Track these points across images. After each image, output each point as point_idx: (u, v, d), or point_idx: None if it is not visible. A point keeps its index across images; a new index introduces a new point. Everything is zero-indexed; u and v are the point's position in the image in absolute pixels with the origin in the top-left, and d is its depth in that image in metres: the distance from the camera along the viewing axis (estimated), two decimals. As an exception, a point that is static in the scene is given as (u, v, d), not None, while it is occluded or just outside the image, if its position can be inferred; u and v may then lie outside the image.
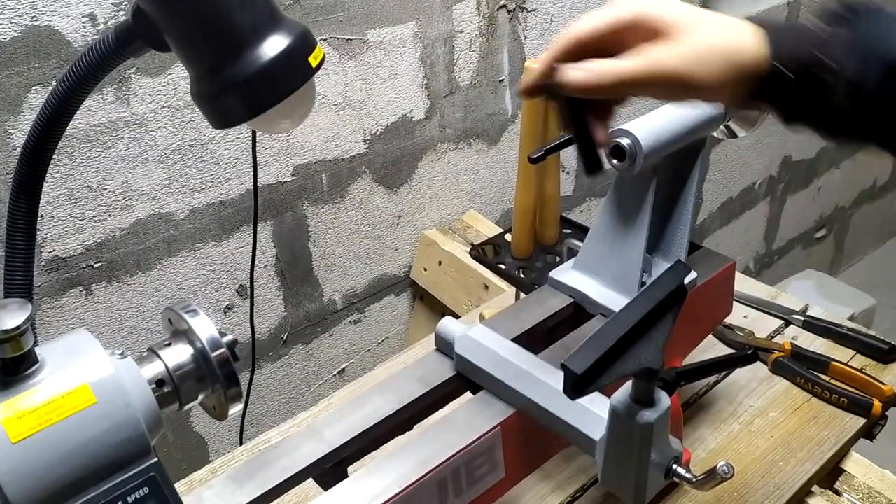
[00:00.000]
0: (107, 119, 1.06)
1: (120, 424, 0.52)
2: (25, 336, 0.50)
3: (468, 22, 1.41)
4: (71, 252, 1.09)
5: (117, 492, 0.52)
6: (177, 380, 0.58)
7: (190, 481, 0.96)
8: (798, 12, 2.11)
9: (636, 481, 0.63)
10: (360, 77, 1.30)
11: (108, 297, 1.15)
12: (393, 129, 1.39)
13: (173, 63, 1.09)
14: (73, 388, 0.51)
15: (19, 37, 0.95)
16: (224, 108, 0.72)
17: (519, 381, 0.74)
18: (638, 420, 0.60)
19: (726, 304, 0.99)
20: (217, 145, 1.18)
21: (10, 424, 0.49)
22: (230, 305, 1.29)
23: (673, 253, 0.89)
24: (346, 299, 1.46)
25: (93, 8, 0.99)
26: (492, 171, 1.59)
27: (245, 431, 1.32)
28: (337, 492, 0.68)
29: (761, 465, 0.96)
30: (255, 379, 1.35)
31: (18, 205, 0.83)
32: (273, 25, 0.71)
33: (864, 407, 1.02)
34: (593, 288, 0.87)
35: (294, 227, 1.32)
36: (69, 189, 1.06)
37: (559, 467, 0.96)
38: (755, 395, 1.07)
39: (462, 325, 0.81)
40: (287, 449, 0.71)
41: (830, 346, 1.15)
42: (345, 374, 1.53)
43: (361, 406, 0.76)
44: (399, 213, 1.47)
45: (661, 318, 0.59)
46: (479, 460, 0.72)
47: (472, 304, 1.38)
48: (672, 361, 0.91)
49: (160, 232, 1.17)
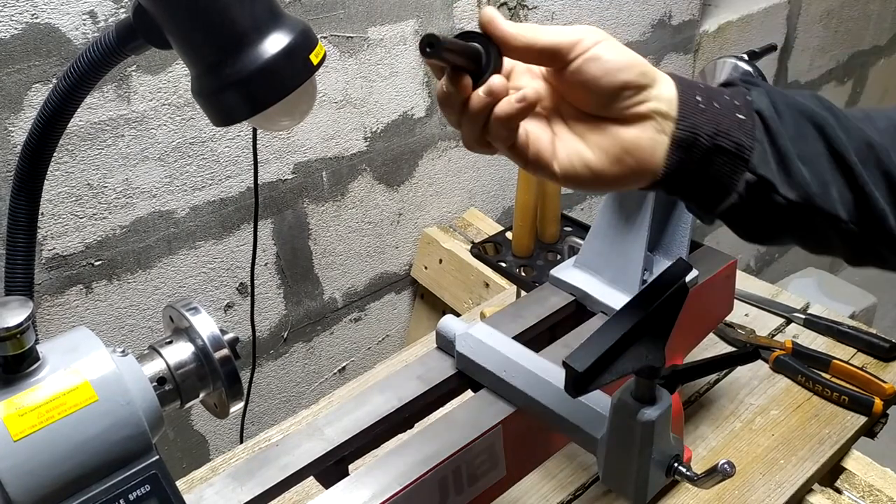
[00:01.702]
0: (107, 117, 1.06)
1: (121, 422, 0.52)
2: (26, 334, 0.50)
3: (469, 19, 1.41)
4: (71, 250, 1.09)
5: (119, 489, 0.52)
6: (178, 378, 0.58)
7: (191, 479, 0.96)
8: (798, 11, 2.11)
9: (637, 479, 0.63)
10: (361, 75, 1.30)
11: (109, 295, 1.15)
12: (393, 127, 1.39)
13: (174, 61, 1.09)
14: (75, 386, 0.51)
15: (20, 34, 0.95)
16: (225, 105, 0.72)
17: (520, 379, 0.74)
18: (639, 418, 0.60)
19: (727, 303, 0.99)
20: (218, 143, 1.18)
21: (11, 422, 0.49)
22: (231, 303, 1.29)
23: (674, 251, 0.89)
24: (347, 297, 1.46)
25: (93, 6, 0.99)
26: (492, 168, 1.59)
27: (246, 429, 1.32)
28: (338, 490, 0.68)
29: (762, 463, 0.96)
30: (256, 377, 1.35)
31: (19, 203, 0.83)
32: (274, 23, 0.71)
33: (865, 405, 1.02)
34: (594, 286, 0.87)
35: (294, 225, 1.32)
36: (70, 187, 1.06)
37: (560, 465, 0.96)
38: (756, 394, 1.07)
39: (463, 324, 0.81)
40: (288, 447, 0.71)
41: (831, 344, 1.15)
42: (345, 372, 1.53)
43: (362, 404, 0.76)
44: (400, 211, 1.47)
45: (663, 316, 0.59)
46: (479, 458, 0.72)
47: (473, 302, 1.38)
48: (673, 359, 0.91)
49: (160, 230, 1.17)
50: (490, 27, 0.52)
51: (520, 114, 0.52)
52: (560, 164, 0.54)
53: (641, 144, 0.53)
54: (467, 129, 0.53)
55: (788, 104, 0.55)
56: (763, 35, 2.02)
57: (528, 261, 1.28)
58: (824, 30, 2.25)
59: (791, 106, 0.55)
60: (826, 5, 2.20)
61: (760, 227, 0.56)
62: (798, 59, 2.21)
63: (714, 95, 0.55)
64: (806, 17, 2.15)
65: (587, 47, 0.52)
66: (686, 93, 0.54)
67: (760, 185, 0.53)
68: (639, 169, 0.54)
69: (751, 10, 1.98)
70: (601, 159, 0.54)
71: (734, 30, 1.96)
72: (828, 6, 2.21)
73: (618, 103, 0.53)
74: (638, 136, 0.53)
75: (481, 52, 0.52)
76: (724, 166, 0.53)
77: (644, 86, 0.53)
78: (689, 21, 1.82)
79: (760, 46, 0.99)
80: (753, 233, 0.57)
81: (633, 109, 0.53)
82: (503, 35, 0.52)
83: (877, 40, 2.49)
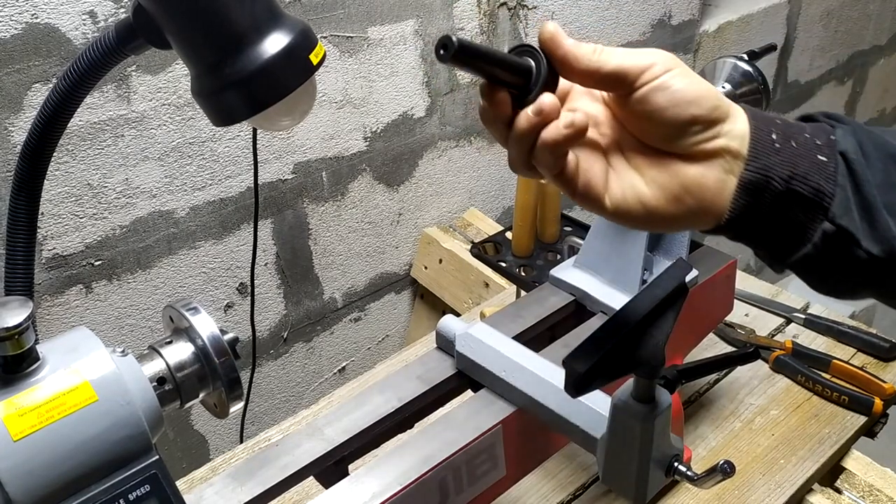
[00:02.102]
0: (107, 117, 1.06)
1: (121, 422, 0.52)
2: (26, 334, 0.50)
3: (469, 19, 1.41)
4: (71, 250, 1.09)
5: (118, 489, 0.52)
6: (178, 378, 0.58)
7: (190, 479, 0.96)
8: (798, 11, 2.11)
9: (637, 479, 0.63)
10: (361, 75, 1.30)
11: (109, 295, 1.15)
12: (393, 127, 1.39)
13: (174, 60, 1.09)
14: (75, 386, 0.51)
15: (20, 34, 0.95)
16: (225, 105, 0.72)
17: (520, 379, 0.74)
18: (639, 418, 0.60)
19: (727, 302, 0.99)
20: (217, 143, 1.18)
21: (11, 422, 0.49)
22: (231, 303, 1.29)
23: (674, 251, 0.89)
24: (347, 297, 1.46)
25: (93, 5, 0.99)
26: (492, 168, 1.59)
27: (245, 429, 1.32)
28: (338, 490, 0.68)
29: (762, 463, 0.96)
30: (256, 377, 1.35)
31: (19, 202, 0.83)
32: (274, 23, 0.71)
33: (864, 405, 1.02)
34: (594, 286, 0.87)
35: (294, 225, 1.32)
36: (69, 187, 1.06)
37: (560, 465, 0.96)
38: (756, 393, 1.07)
39: (463, 323, 0.81)
40: (288, 447, 0.71)
41: (831, 343, 1.15)
42: (345, 372, 1.53)
43: (362, 404, 0.76)
44: (399, 211, 1.47)
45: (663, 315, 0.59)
46: (479, 458, 0.72)
47: (473, 302, 1.38)
48: (673, 359, 0.91)
49: (160, 230, 1.17)
50: (551, 45, 0.47)
51: (568, 141, 0.47)
52: (612, 198, 0.49)
53: (705, 184, 0.48)
54: (513, 149, 0.49)
55: (877, 145, 0.50)
56: (763, 35, 2.02)
57: (527, 261, 1.28)
58: (824, 30, 2.25)
59: (880, 147, 0.50)
60: (826, 5, 2.20)
61: (837, 281, 0.52)
62: (798, 59, 2.21)
63: (793, 133, 0.50)
64: (806, 17, 2.15)
65: (656, 75, 0.48)
66: (760, 129, 0.49)
67: (840, 237, 0.48)
68: (699, 210, 0.49)
69: (751, 10, 1.98)
70: (658, 197, 0.49)
71: (734, 30, 1.96)
72: (828, 6, 2.21)
73: (684, 138, 0.48)
74: (702, 175, 0.48)
75: (531, 69, 0.47)
76: (799, 214, 0.49)
77: (715, 121, 0.48)
78: (688, 21, 1.82)
79: (760, 46, 0.99)
80: (829, 286, 0.53)
81: (700, 146, 0.48)
82: (565, 55, 0.47)
83: (877, 40, 2.49)
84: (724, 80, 0.92)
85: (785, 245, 0.50)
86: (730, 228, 0.50)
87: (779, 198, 0.48)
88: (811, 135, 0.50)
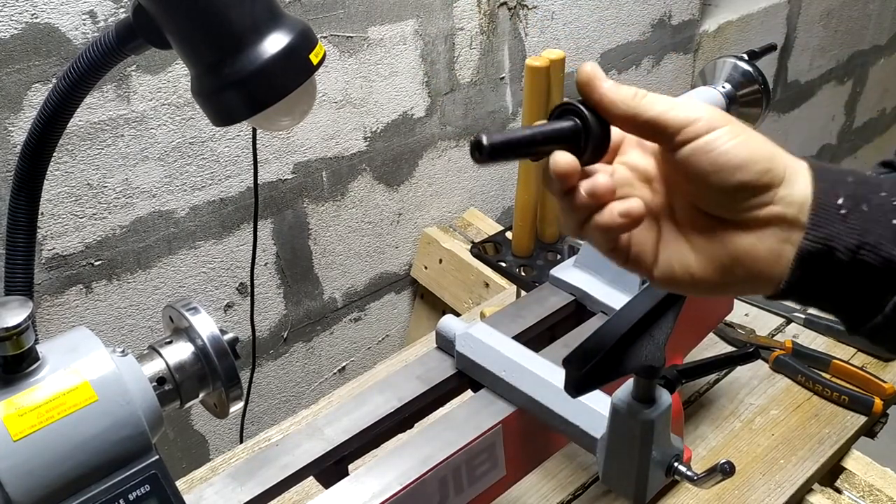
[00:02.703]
0: (107, 116, 1.06)
1: (121, 422, 0.52)
2: (26, 334, 0.50)
3: (469, 19, 1.41)
4: (71, 250, 1.09)
5: (118, 489, 0.52)
6: (178, 378, 0.58)
7: (190, 479, 0.96)
8: (798, 11, 2.11)
9: (637, 479, 0.63)
10: (361, 74, 1.30)
11: (109, 295, 1.15)
12: (393, 127, 1.39)
13: (174, 60, 1.09)
14: (74, 386, 0.51)
15: (19, 34, 0.95)
16: (225, 105, 0.72)
17: (520, 379, 0.74)
18: (639, 418, 0.60)
19: (727, 302, 0.99)
20: (217, 143, 1.18)
21: (11, 422, 0.49)
22: (230, 303, 1.29)
23: (674, 251, 0.88)
24: (347, 297, 1.46)
25: (93, 5, 0.99)
26: (492, 168, 1.59)
27: (245, 429, 1.32)
28: (338, 490, 0.68)
29: (762, 463, 0.96)
30: (256, 377, 1.35)
31: (19, 202, 0.83)
32: (274, 23, 0.71)
33: (864, 405, 1.02)
34: (594, 286, 0.87)
35: (294, 225, 1.32)
36: (69, 187, 1.06)
37: (560, 465, 0.96)
38: (756, 393, 1.07)
39: (463, 323, 0.81)
40: (287, 447, 0.71)
41: (831, 343, 1.15)
42: (345, 372, 1.53)
43: (362, 404, 0.76)
44: (399, 211, 1.47)
45: (662, 315, 0.59)
46: (479, 458, 0.72)
47: (473, 302, 1.38)
48: (673, 359, 0.90)
49: (160, 230, 1.17)
50: (587, 88, 0.44)
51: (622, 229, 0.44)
52: (660, 269, 0.47)
53: (757, 255, 0.44)
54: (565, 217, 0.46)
55: None
56: (763, 35, 2.02)
57: (528, 261, 1.28)
58: (824, 29, 2.25)
59: None
60: (826, 5, 2.20)
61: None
62: (798, 58, 2.21)
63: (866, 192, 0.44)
64: (806, 16, 2.15)
65: (699, 132, 0.43)
66: (826, 193, 0.44)
67: None
68: (751, 280, 0.45)
69: (751, 9, 1.98)
70: (705, 268, 0.46)
71: (734, 29, 1.96)
72: (828, 6, 2.21)
73: (732, 205, 0.44)
74: (753, 246, 0.44)
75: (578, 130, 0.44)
76: (867, 285, 0.44)
77: (766, 186, 0.44)
78: (688, 21, 1.82)
79: (760, 46, 0.99)
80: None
81: (750, 213, 0.44)
82: (601, 98, 0.44)
83: (877, 40, 2.49)
84: (724, 80, 0.92)
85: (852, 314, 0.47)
86: (789, 296, 0.46)
87: (844, 268, 0.44)
88: (888, 192, 0.44)
